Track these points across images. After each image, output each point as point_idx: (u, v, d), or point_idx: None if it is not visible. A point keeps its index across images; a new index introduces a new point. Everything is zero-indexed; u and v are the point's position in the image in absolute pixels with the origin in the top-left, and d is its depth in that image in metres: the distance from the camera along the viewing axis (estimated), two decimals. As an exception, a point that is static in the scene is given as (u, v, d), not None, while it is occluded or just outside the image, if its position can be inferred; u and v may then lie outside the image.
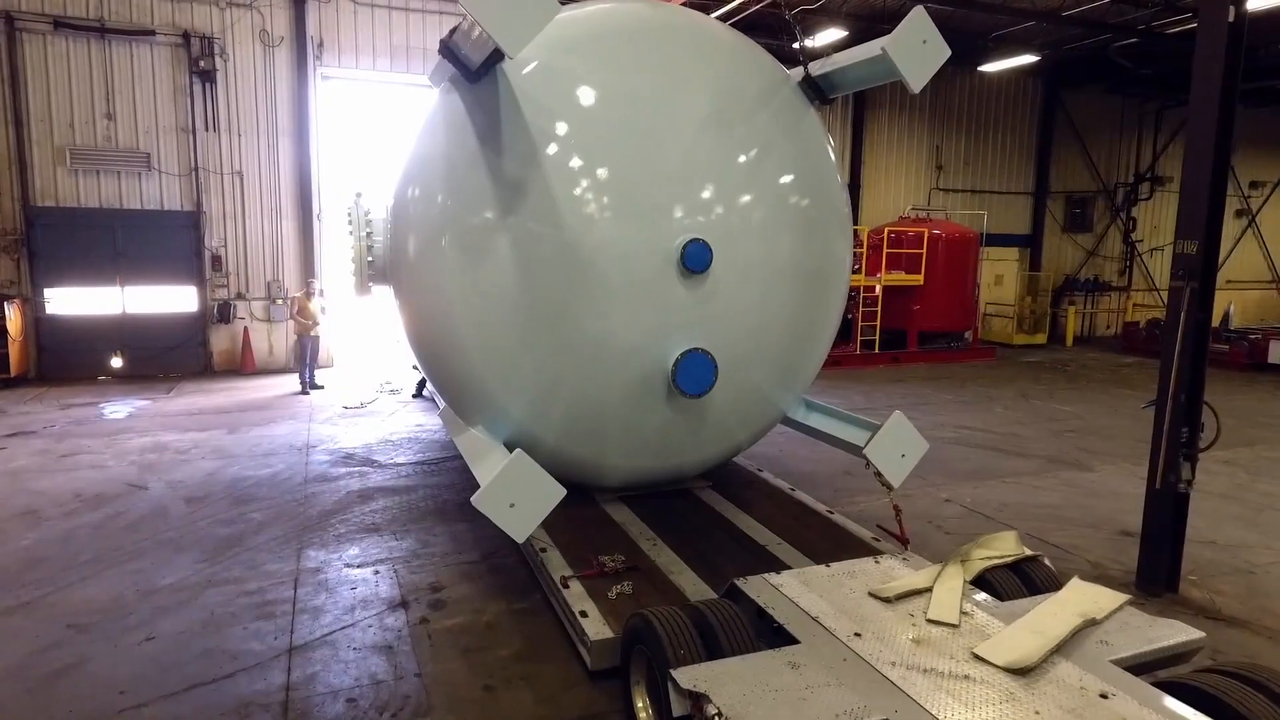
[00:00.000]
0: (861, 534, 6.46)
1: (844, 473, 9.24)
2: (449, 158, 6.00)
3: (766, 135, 6.36)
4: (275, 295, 15.54)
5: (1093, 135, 22.91)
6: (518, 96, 5.86)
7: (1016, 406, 13.32)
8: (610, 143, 5.86)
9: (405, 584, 6.06)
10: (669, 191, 5.93)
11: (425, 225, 6.09)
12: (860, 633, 3.86)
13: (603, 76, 6.03)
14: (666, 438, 6.43)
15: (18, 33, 13.56)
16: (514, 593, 5.95)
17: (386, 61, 15.77)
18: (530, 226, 5.73)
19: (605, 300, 5.80)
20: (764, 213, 6.27)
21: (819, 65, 6.67)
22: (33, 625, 5.34)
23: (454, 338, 6.04)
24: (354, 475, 8.83)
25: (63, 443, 10.02)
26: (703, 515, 6.86)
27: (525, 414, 6.15)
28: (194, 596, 5.81)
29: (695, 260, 5.84)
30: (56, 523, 7.23)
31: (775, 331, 6.51)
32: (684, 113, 6.06)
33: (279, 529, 7.16)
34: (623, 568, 5.62)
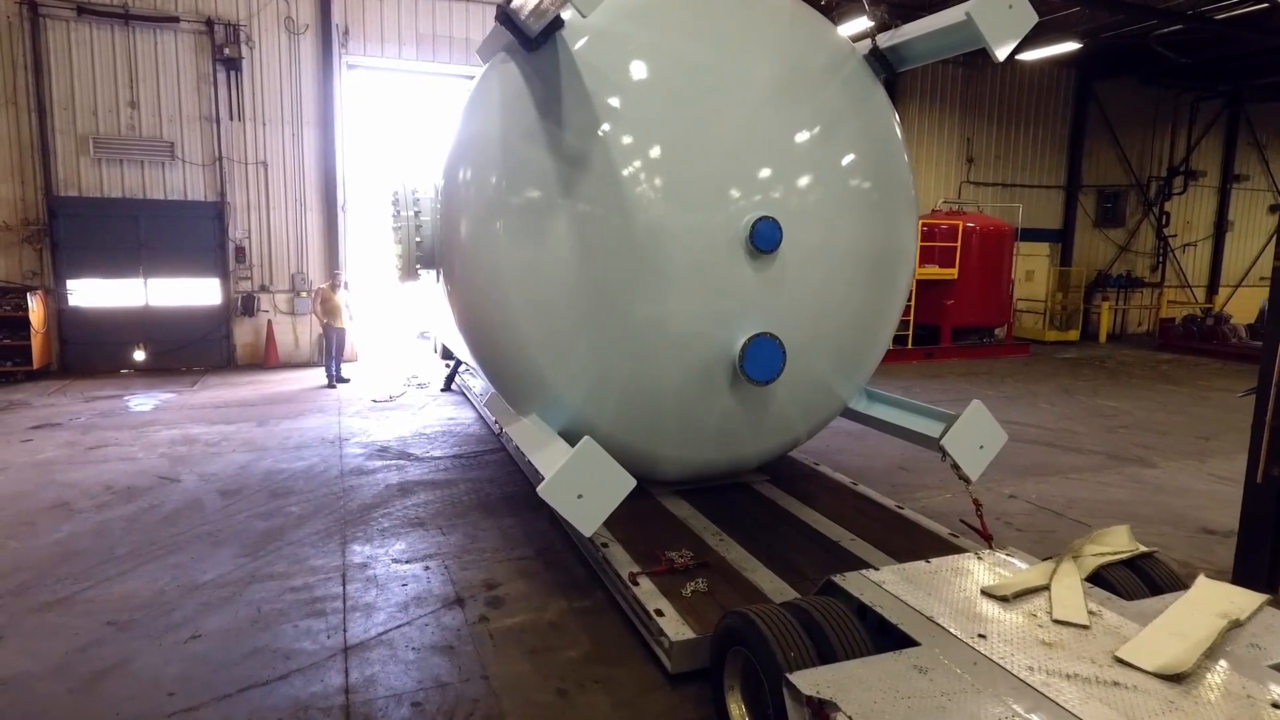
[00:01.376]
0: (936, 529, 6.12)
1: (898, 467, 8.89)
2: (505, 133, 5.68)
3: (835, 110, 6.05)
4: (299, 288, 15.27)
5: (1125, 128, 22.45)
6: (578, 65, 5.55)
7: (1062, 403, 12.92)
8: (675, 115, 5.56)
9: (458, 580, 5.74)
10: (736, 167, 5.63)
11: (479, 205, 5.77)
12: (984, 634, 3.52)
13: (666, 45, 5.72)
14: (727, 428, 6.12)
15: (41, 19, 13.32)
16: (574, 590, 5.63)
17: (412, 50, 15.48)
18: (592, 204, 5.43)
19: (668, 282, 5.50)
20: (832, 192, 5.96)
21: (887, 37, 6.34)
22: (71, 621, 5.04)
23: (509, 322, 5.72)
24: (391, 468, 8.52)
25: (89, 435, 9.75)
26: (765, 509, 6.53)
27: (581, 401, 5.84)
28: (238, 592, 5.50)
29: (765, 239, 5.54)
30: (89, 515, 6.95)
31: (842, 317, 6.21)
32: (749, 84, 5.76)
33: (320, 523, 6.86)
34: (692, 564, 5.30)
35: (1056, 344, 20.64)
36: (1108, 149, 22.45)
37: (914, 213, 6.67)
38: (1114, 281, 22.85)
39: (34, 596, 5.38)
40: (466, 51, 15.74)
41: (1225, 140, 23.63)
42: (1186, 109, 22.89)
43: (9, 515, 6.90)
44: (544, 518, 7.00)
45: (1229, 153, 23.74)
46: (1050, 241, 21.96)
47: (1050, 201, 22.08)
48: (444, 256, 6.27)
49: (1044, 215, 21.89)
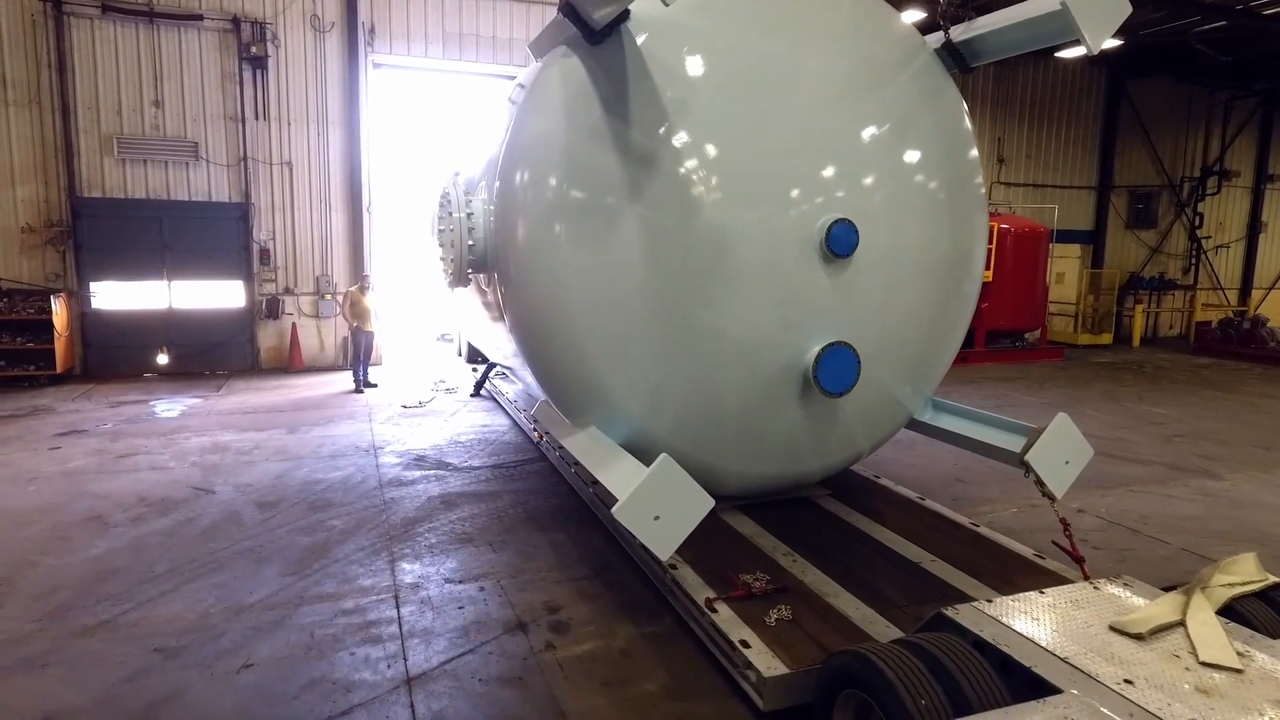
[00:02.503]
0: (1020, 550, 5.78)
1: (955, 479, 8.57)
2: (567, 131, 5.39)
3: (909, 107, 5.76)
4: (324, 290, 15.01)
5: (1158, 127, 22.03)
6: (645, 59, 5.26)
7: (1109, 410, 12.55)
8: (745, 112, 5.28)
9: (517, 603, 5.44)
10: (808, 167, 5.35)
11: (538, 207, 5.48)
12: (1130, 679, 3.20)
13: (734, 37, 5.43)
14: (792, 441, 5.82)
15: (66, 17, 13.10)
16: (640, 614, 5.32)
17: (439, 49, 15.20)
18: (659, 206, 5.14)
19: (737, 287, 5.22)
20: (906, 192, 5.68)
21: (962, 30, 6.03)
22: (116, 648, 4.76)
23: (569, 329, 5.43)
24: (430, 479, 8.23)
25: (118, 442, 9.49)
26: (832, 527, 6.22)
27: (642, 412, 5.54)
28: (287, 615, 5.21)
29: (840, 243, 5.25)
30: (124, 529, 6.68)
31: (914, 324, 5.92)
32: (820, 79, 5.48)
33: (364, 538, 6.57)
34: (770, 588, 4.98)
35: (1089, 348, 20.23)
36: (1140, 149, 22.03)
37: (985, 214, 6.38)
38: (1146, 284, 22.42)
39: (74, 619, 5.10)
40: (493, 50, 15.48)
41: (1259, 139, 23.16)
42: (1220, 108, 22.45)
43: (43, 529, 6.63)
44: (596, 533, 6.70)
45: (1263, 152, 23.26)
46: (1081, 243, 21.54)
47: (1081, 202, 21.68)
48: (499, 261, 5.97)
49: (1075, 216, 21.48)
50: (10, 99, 13.00)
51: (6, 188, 13.15)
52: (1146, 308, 22.21)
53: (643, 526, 4.50)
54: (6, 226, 13.23)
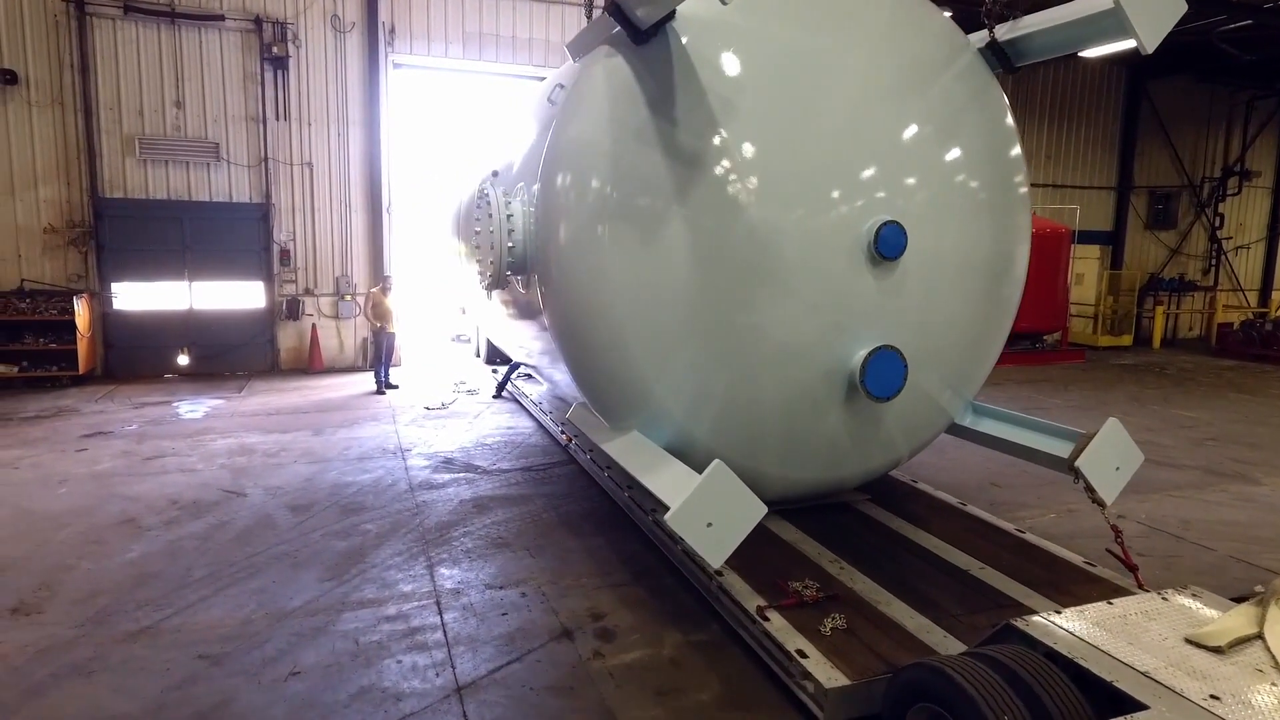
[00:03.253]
0: (1069, 557, 5.69)
1: (990, 483, 8.47)
2: (612, 131, 5.30)
3: (956, 107, 5.70)
4: (344, 291, 14.98)
5: (1178, 127, 21.86)
6: (692, 58, 5.19)
7: (1136, 412, 12.42)
8: (792, 112, 5.22)
9: (561, 610, 5.37)
10: (855, 168, 5.30)
11: (582, 209, 5.41)
12: (1217, 694, 3.11)
13: (780, 36, 5.36)
14: (835, 446, 5.75)
15: (88, 17, 13.08)
16: (686, 621, 5.25)
17: (459, 49, 15.15)
18: (706, 207, 5.08)
19: (784, 290, 5.18)
20: (952, 194, 5.63)
21: (1007, 29, 5.95)
22: (161, 654, 4.71)
23: (613, 331, 5.35)
24: (460, 482, 8.17)
25: (144, 444, 9.46)
26: (875, 532, 6.13)
27: (684, 415, 5.47)
28: (330, 622, 5.15)
29: (889, 245, 5.19)
30: (158, 533, 6.63)
31: (959, 328, 5.86)
32: (868, 79, 5.42)
33: (399, 543, 6.51)
34: (821, 596, 4.90)
35: (1109, 349, 20.08)
36: (1160, 149, 21.86)
37: (1028, 215, 6.30)
38: (1166, 285, 22.24)
39: (116, 625, 5.05)
40: (513, 50, 15.43)
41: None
42: (1241, 108, 22.27)
43: (77, 532, 6.59)
44: (633, 538, 6.63)
45: (1285, 152, 23.09)
46: (1101, 244, 21.39)
47: (1101, 203, 21.53)
48: (539, 263, 5.90)
49: (1094, 217, 21.34)
50: (33, 99, 13.00)
51: (29, 188, 13.15)
52: (1166, 309, 22.03)
53: (695, 534, 4.43)
54: (29, 227, 13.23)
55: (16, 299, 12.83)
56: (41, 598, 5.42)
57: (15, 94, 12.91)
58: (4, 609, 5.24)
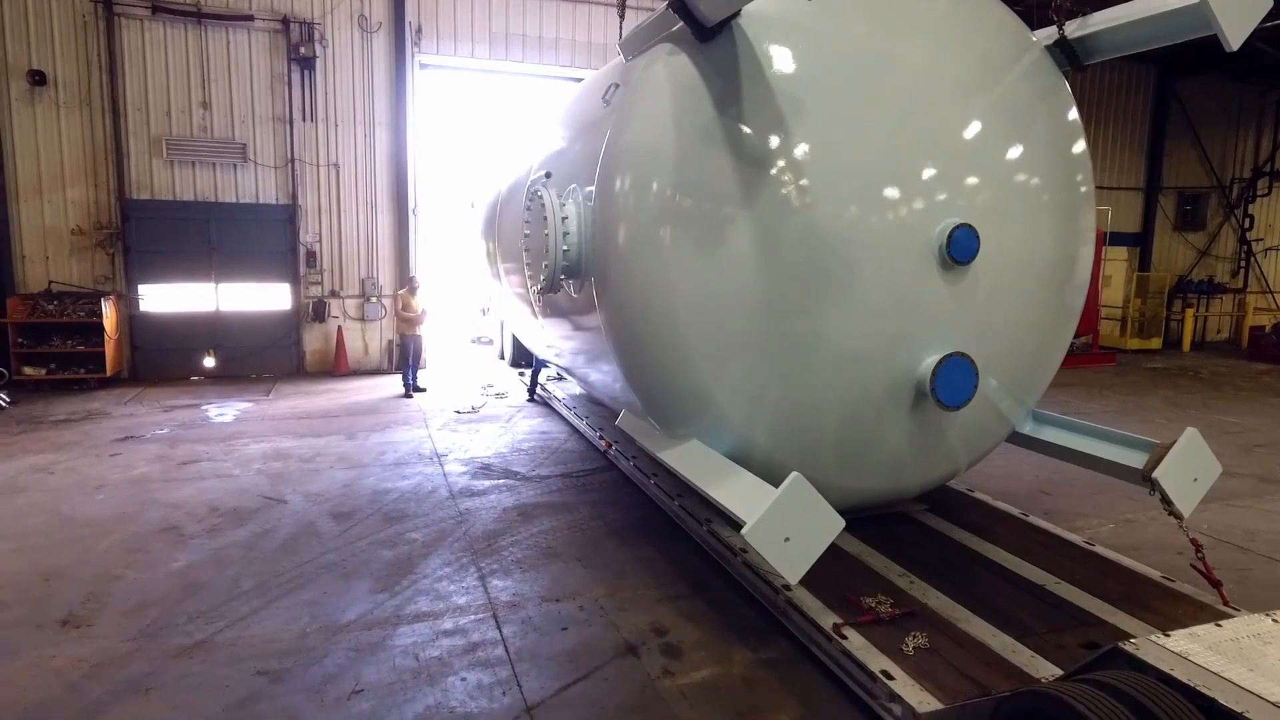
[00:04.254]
0: (1145, 572, 5.50)
1: (1040, 491, 8.28)
2: (676, 132, 5.14)
3: (1026, 106, 5.54)
4: (369, 293, 14.87)
5: (1207, 127, 21.56)
6: (758, 56, 5.04)
7: (1178, 418, 12.19)
8: (863, 111, 5.06)
9: (622, 625, 5.22)
10: (926, 169, 5.12)
11: (643, 211, 5.25)
12: (1359, 729, 2.93)
13: (849, 33, 5.21)
14: (898, 456, 5.59)
15: (116, 18, 13.01)
16: (752, 636, 5.09)
17: (485, 49, 15.03)
18: (773, 209, 4.93)
19: (853, 295, 5.02)
20: (1022, 195, 5.47)
21: (1076, 25, 5.78)
22: (218, 670, 4.57)
23: (675, 337, 5.20)
24: (501, 489, 8.03)
25: (177, 448, 9.35)
26: (940, 544, 5.96)
27: (745, 422, 5.31)
28: (387, 636, 5.01)
29: (961, 249, 5.03)
30: (202, 541, 6.51)
31: (1026, 333, 5.71)
32: (937, 77, 5.25)
33: (447, 552, 6.37)
34: (898, 613, 4.73)
35: (1138, 352, 19.81)
36: (1189, 149, 21.58)
37: (1093, 216, 6.14)
38: (1194, 287, 21.95)
39: (169, 639, 4.92)
40: (540, 50, 15.30)
41: (1311, 140, 22.64)
42: (1272, 107, 21.93)
43: (120, 540, 6.48)
44: (685, 547, 6.47)
45: (1315, 153, 22.75)
46: (1128, 245, 21.13)
47: (1129, 204, 21.25)
48: (596, 267, 5.75)
49: (1122, 218, 21.06)
50: (61, 100, 12.93)
51: (57, 189, 13.08)
52: (1196, 312, 21.73)
53: (773, 549, 4.27)
54: (56, 228, 13.17)
55: (44, 301, 12.76)
56: (91, 609, 5.29)
57: (44, 95, 12.84)
58: (53, 620, 5.12)
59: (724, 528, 6.07)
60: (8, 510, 7.12)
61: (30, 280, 13.10)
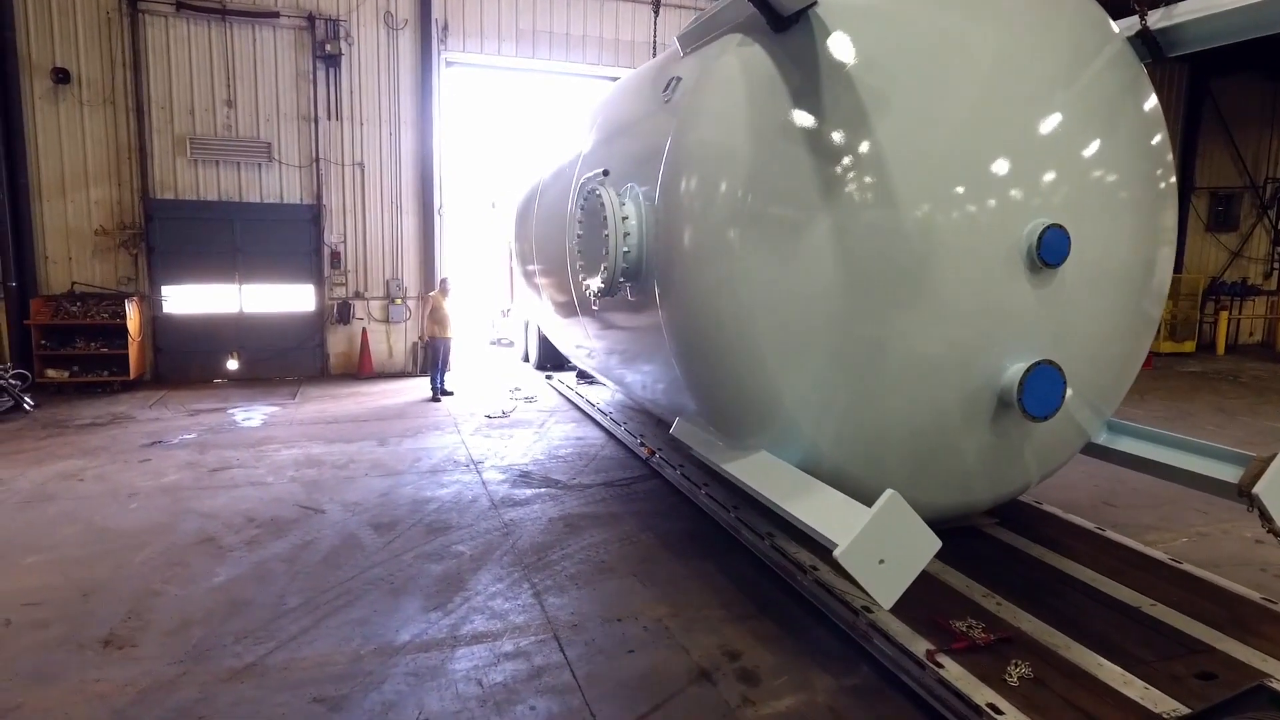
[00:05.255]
0: (1243, 592, 5.19)
1: (1102, 502, 7.98)
2: (750, 128, 4.89)
3: (1113, 100, 5.26)
4: (394, 295, 14.64)
5: (1241, 126, 21.17)
6: (838, 47, 4.76)
7: (1228, 425, 11.85)
8: (949, 105, 4.78)
9: (691, 647, 4.94)
10: (1014, 166, 4.85)
11: (714, 211, 4.99)
12: None
13: (933, 22, 4.92)
14: (970, 468, 5.31)
15: (140, 15, 12.81)
16: (832, 661, 4.80)
17: (512, 46, 14.79)
18: (854, 209, 4.67)
19: (937, 299, 4.75)
20: (1110, 194, 5.19)
21: (1160, 15, 5.48)
22: (272, 697, 4.31)
23: (745, 341, 4.94)
24: (544, 498, 7.76)
25: (207, 454, 9.12)
26: (1019, 562, 5.67)
27: (816, 431, 5.04)
28: (446, 659, 4.75)
29: (1052, 251, 4.77)
30: (241, 554, 6.26)
31: (1111, 340, 5.43)
32: (1025, 69, 4.97)
33: (497, 566, 6.10)
34: (993, 638, 4.44)
35: (1172, 355, 19.44)
36: (1222, 149, 21.19)
37: (1174, 215, 5.83)
38: (1227, 289, 21.55)
39: (218, 661, 4.67)
40: (567, 48, 15.05)
41: (1346, 140, 22.23)
42: (1307, 106, 21.55)
43: (157, 553, 6.23)
44: (743, 562, 6.19)
45: (1350, 153, 22.34)
46: (1160, 247, 20.71)
47: (1161, 205, 20.83)
48: (660, 269, 5.48)
49: (1154, 219, 20.65)
50: (85, 98, 12.74)
51: (80, 189, 12.89)
52: (1229, 314, 21.33)
53: (867, 572, 3.99)
54: (80, 229, 12.98)
55: (68, 302, 12.57)
56: (132, 628, 5.04)
57: (67, 93, 12.65)
58: (95, 640, 4.87)
59: (789, 542, 5.80)
60: (40, 520, 6.89)
61: (53, 281, 12.91)
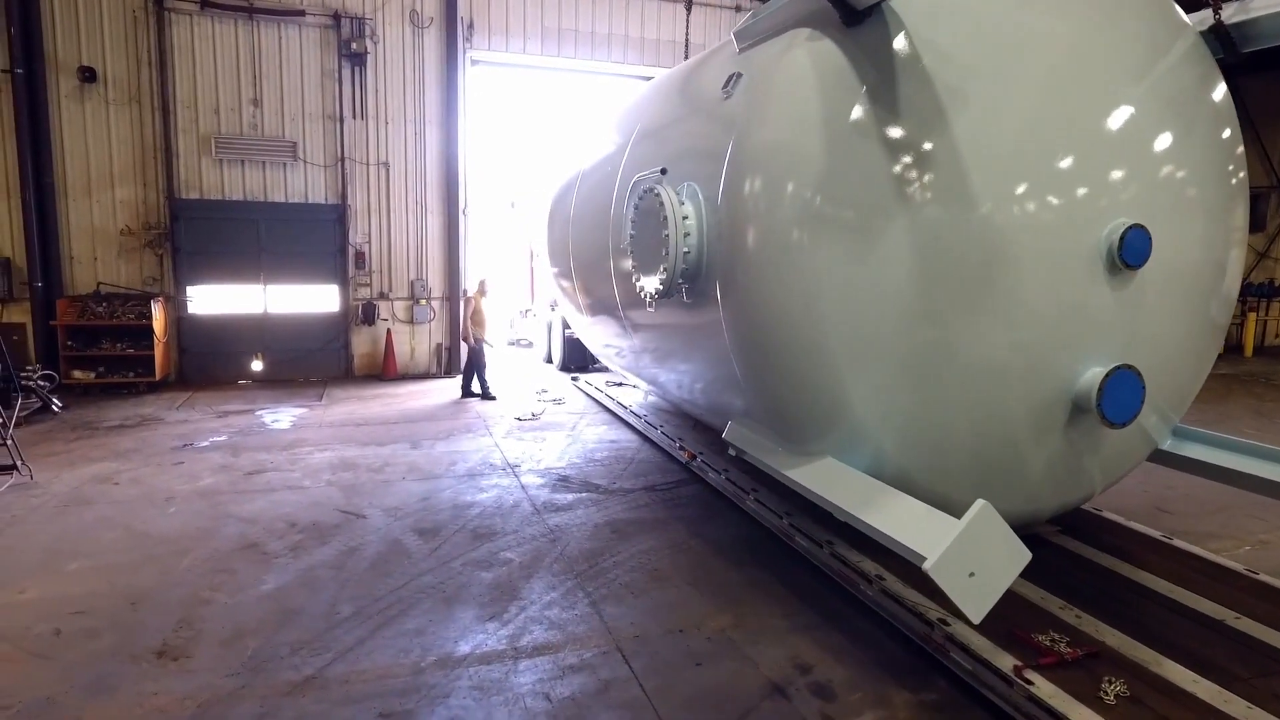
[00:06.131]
0: (1327, 605, 5.03)
1: (1156, 509, 7.79)
2: (822, 125, 4.74)
3: (1190, 97, 5.11)
4: (419, 295, 14.51)
5: (1269, 125, 20.91)
6: (914, 40, 4.61)
7: (1268, 429, 11.65)
8: (1029, 101, 4.65)
9: (760, 660, 4.79)
10: (1092, 164, 4.70)
11: (782, 211, 4.85)
12: None
13: (1007, 15, 4.77)
14: (1041, 475, 5.16)
15: (166, 12, 12.71)
16: (905, 674, 4.65)
17: (537, 44, 14.66)
18: (932, 209, 4.52)
19: (1015, 301, 4.64)
20: (1188, 193, 5.04)
21: (1234, 10, 5.35)
22: (336, 713, 4.18)
23: (814, 344, 4.80)
24: (586, 503, 7.62)
25: (240, 457, 9.01)
26: (1089, 572, 5.51)
27: (886, 437, 4.91)
28: (510, 671, 4.61)
29: (1134, 251, 4.64)
30: (286, 561, 6.14)
31: (1185, 343, 5.29)
32: (1104, 63, 4.82)
33: (548, 574, 5.97)
34: (1080, 653, 4.29)
35: (1200, 357, 19.18)
36: (1249, 148, 20.72)
37: (1246, 215, 5.68)
38: (1254, 290, 21.28)
39: (276, 673, 4.54)
40: (592, 46, 14.91)
41: (1374, 138, 21.96)
42: (1336, 105, 21.28)
43: (201, 559, 6.11)
44: (800, 569, 6.04)
45: (1378, 152, 22.05)
46: (1186, 247, 20.48)
47: (1187, 204, 20.61)
48: (721, 270, 5.33)
49: (1180, 219, 20.43)
50: (111, 97, 12.65)
51: (105, 189, 12.81)
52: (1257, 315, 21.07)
53: (958, 586, 3.83)
54: (105, 229, 12.89)
55: (93, 303, 12.48)
56: (185, 638, 4.92)
57: (93, 92, 12.56)
58: (149, 651, 4.75)
59: (850, 550, 5.65)
60: (80, 525, 6.78)
61: (79, 282, 12.83)
